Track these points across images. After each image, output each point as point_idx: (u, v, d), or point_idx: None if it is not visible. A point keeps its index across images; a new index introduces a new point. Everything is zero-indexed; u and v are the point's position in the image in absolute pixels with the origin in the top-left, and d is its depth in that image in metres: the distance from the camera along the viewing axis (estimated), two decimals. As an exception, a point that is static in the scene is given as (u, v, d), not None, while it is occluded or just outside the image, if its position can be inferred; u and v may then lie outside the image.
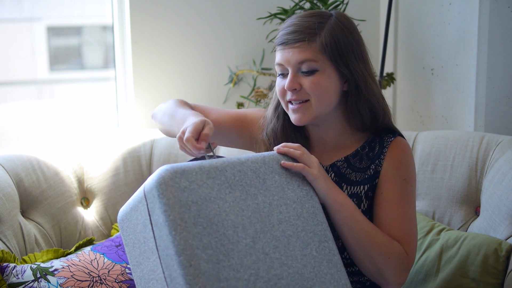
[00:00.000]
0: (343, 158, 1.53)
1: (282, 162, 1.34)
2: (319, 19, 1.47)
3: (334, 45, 1.44)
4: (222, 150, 2.10)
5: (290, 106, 1.49)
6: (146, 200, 1.22)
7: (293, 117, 1.49)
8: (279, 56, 1.48)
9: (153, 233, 1.21)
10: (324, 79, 1.45)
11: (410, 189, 1.48)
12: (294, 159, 1.38)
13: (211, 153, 1.34)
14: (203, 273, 1.13)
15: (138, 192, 1.25)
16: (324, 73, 1.45)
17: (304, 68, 1.45)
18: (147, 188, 1.21)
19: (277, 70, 1.50)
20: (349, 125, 1.53)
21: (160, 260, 1.20)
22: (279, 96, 1.51)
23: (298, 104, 1.47)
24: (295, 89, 1.46)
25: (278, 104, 1.57)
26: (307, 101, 1.47)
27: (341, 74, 1.47)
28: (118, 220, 1.31)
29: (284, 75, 1.49)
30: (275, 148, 1.39)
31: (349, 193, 1.49)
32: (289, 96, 1.48)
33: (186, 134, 1.34)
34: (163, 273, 1.19)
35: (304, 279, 1.23)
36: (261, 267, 1.19)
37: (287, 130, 1.56)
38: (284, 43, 1.46)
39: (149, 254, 1.22)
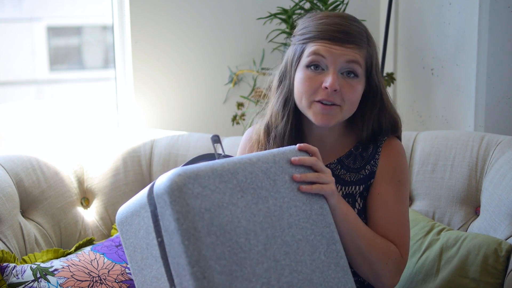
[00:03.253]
0: (335, 160, 1.51)
1: (300, 186, 1.28)
2: (361, 27, 1.45)
3: (372, 57, 1.45)
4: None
5: (318, 105, 1.41)
6: (150, 206, 1.18)
7: (319, 117, 1.41)
8: (322, 48, 1.40)
9: (158, 241, 1.18)
10: (360, 87, 1.44)
11: (405, 191, 1.49)
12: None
13: (221, 152, 1.31)
14: (217, 286, 1.11)
15: (140, 197, 1.22)
16: (360, 81, 1.44)
17: (349, 68, 1.41)
18: (157, 192, 1.15)
19: (311, 62, 1.41)
20: (347, 130, 1.53)
21: (165, 269, 1.17)
22: (307, 91, 1.41)
23: (330, 105, 1.40)
24: (336, 90, 1.39)
25: (287, 101, 1.48)
26: (338, 105, 1.41)
27: (367, 86, 1.47)
28: (116, 222, 1.28)
29: (318, 68, 1.41)
30: (292, 158, 1.28)
31: (344, 193, 1.49)
32: (323, 95, 1.40)
33: None
34: (168, 281, 1.17)
35: (313, 285, 1.22)
36: (272, 275, 1.18)
37: (292, 134, 1.50)
38: (334, 40, 1.39)
39: (152, 261, 1.20)
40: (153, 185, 1.19)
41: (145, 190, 1.20)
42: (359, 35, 1.42)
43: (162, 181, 1.15)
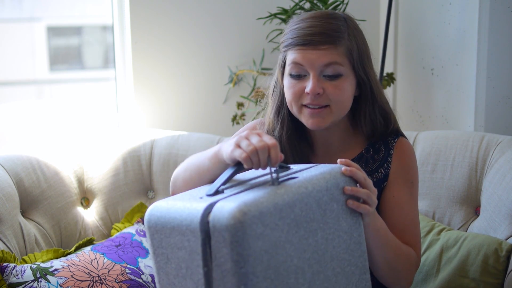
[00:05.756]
0: None
1: (348, 201, 1.25)
2: (339, 21, 1.42)
3: (356, 50, 1.42)
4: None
5: (306, 110, 1.42)
6: (202, 234, 1.10)
7: (310, 121, 1.42)
8: (298, 56, 1.40)
9: (204, 270, 1.12)
10: (346, 84, 1.41)
11: (416, 191, 1.49)
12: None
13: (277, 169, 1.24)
14: None
15: (189, 216, 1.12)
16: (347, 78, 1.41)
17: (329, 71, 1.39)
18: (216, 224, 1.08)
19: (292, 70, 1.42)
20: (353, 128, 1.52)
21: None
22: (293, 98, 1.43)
23: (318, 108, 1.41)
24: (319, 93, 1.39)
25: (280, 108, 1.50)
26: (326, 106, 1.41)
27: (358, 80, 1.44)
28: (147, 224, 1.18)
29: (300, 76, 1.41)
30: (343, 168, 1.25)
31: None
32: (308, 100, 1.40)
33: (265, 139, 1.18)
34: None
35: None
36: None
37: (292, 137, 1.50)
38: (308, 44, 1.39)
39: (190, 285, 1.15)
40: (207, 208, 1.11)
41: (197, 210, 1.12)
42: (335, 32, 1.40)
43: (223, 214, 1.08)
